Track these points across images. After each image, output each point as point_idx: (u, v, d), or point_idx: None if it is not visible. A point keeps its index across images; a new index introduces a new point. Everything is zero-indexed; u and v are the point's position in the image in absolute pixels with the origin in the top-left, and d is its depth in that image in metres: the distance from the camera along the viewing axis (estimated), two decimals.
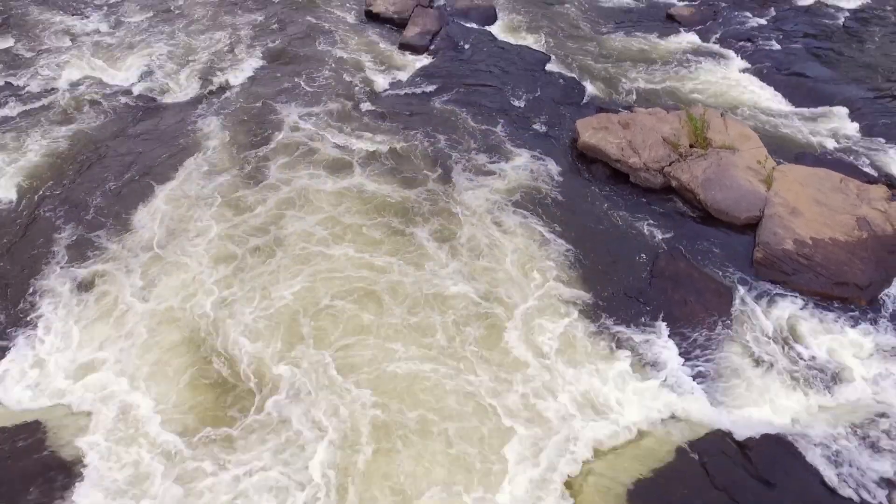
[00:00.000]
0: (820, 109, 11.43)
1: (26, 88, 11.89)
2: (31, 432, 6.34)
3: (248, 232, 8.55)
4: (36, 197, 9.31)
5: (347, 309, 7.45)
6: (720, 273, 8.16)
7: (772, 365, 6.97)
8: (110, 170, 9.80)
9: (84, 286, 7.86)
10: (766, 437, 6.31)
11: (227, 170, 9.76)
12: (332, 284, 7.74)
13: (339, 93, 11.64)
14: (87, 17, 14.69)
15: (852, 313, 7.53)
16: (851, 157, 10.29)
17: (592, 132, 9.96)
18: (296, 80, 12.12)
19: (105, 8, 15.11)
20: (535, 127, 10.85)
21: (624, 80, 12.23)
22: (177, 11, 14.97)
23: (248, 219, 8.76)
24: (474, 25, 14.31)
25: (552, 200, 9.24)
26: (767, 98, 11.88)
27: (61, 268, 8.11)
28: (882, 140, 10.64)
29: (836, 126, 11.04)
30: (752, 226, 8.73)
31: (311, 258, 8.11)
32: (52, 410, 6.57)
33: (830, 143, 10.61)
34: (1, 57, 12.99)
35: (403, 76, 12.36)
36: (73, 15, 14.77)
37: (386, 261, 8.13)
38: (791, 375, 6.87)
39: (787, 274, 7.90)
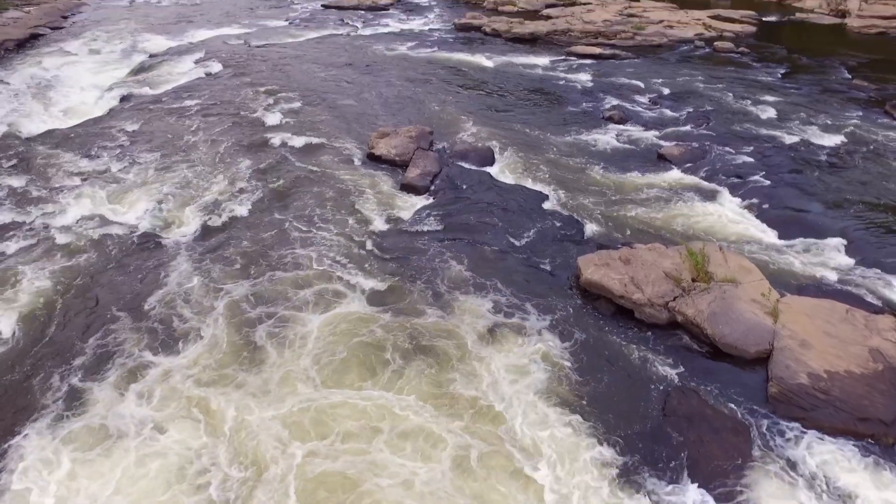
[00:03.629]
0: (814, 241, 11.62)
1: (32, 225, 12.15)
2: None
3: (246, 388, 8.37)
4: (31, 337, 9.19)
5: None
6: (736, 410, 7.90)
7: None
8: (108, 312, 9.72)
9: (71, 431, 7.56)
10: None
11: (226, 312, 9.70)
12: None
13: (340, 232, 11.85)
14: (99, 157, 15.32)
15: (881, 452, 7.21)
16: (852, 288, 10.34)
17: (594, 269, 10.06)
18: (298, 218, 12.40)
19: (117, 150, 15.80)
20: (537, 265, 10.97)
21: (621, 216, 12.54)
22: (185, 152, 15.65)
23: (249, 371, 8.61)
24: (473, 167, 14.87)
25: (558, 340, 9.13)
26: (761, 231, 12.13)
27: (49, 410, 7.87)
28: (880, 270, 10.74)
29: (832, 257, 11.18)
30: (762, 360, 8.58)
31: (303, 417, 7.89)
32: None
33: (829, 275, 10.68)
34: (12, 195, 13.41)
35: (405, 216, 12.66)
36: (85, 156, 15.41)
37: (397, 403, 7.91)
38: None
39: (806, 409, 7.65)
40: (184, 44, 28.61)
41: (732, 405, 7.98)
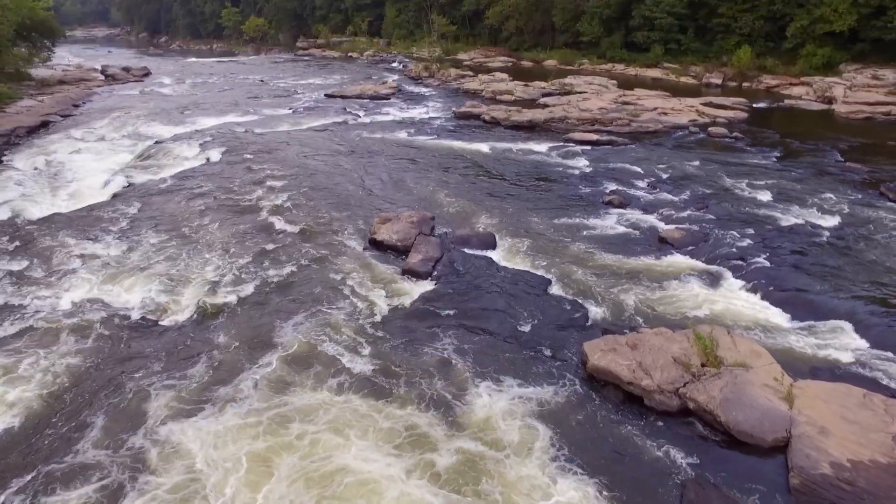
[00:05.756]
0: (822, 324, 11.44)
1: (29, 309, 12.01)
2: None
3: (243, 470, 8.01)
4: (26, 429, 8.86)
5: None
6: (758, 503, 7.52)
7: None
8: (103, 402, 9.41)
9: None
10: None
11: (222, 399, 9.40)
12: None
13: (341, 318, 11.67)
14: (101, 241, 15.35)
15: None
16: (867, 371, 10.09)
17: (601, 354, 9.83)
18: (298, 303, 12.25)
19: (119, 233, 15.87)
20: (542, 351, 10.74)
21: (626, 301, 12.39)
22: (186, 237, 15.67)
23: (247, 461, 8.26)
24: (475, 252, 14.85)
25: (565, 428, 8.80)
26: (768, 314, 11.95)
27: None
28: (892, 352, 10.51)
29: (842, 339, 10.98)
30: (780, 448, 8.24)
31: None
32: None
33: (841, 357, 10.46)
34: (12, 278, 13.35)
35: (407, 301, 12.51)
36: (87, 239, 15.45)
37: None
38: None
39: (832, 502, 7.26)
40: (189, 131, 29.30)
41: (754, 498, 7.59)
